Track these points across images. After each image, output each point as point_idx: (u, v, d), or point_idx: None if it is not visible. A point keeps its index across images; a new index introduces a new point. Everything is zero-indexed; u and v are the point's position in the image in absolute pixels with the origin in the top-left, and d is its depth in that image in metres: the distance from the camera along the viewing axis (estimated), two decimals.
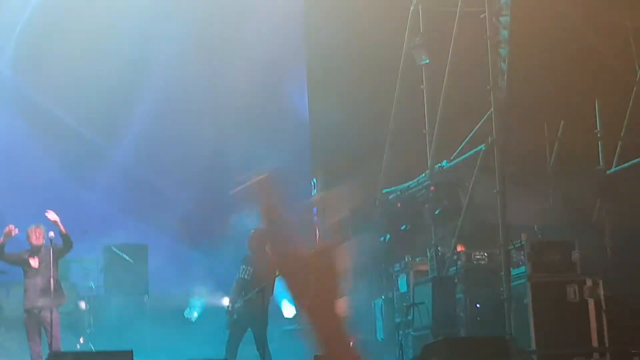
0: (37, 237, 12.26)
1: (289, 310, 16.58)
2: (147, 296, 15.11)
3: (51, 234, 12.13)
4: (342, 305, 1.86)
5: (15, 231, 12.26)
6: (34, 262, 12.24)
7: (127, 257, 14.49)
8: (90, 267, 14.90)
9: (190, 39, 17.84)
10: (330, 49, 16.90)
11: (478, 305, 13.23)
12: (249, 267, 12.77)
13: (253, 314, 12.50)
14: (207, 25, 18.03)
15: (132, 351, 9.52)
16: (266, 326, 12.54)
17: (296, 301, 1.85)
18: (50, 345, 11.73)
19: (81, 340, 13.98)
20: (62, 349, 11.98)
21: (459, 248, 13.78)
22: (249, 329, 12.57)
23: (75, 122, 17.48)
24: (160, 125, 17.66)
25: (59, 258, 12.42)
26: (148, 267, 15.35)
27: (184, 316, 15.23)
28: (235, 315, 12.62)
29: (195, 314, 14.55)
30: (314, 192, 20.01)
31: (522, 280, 12.36)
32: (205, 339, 12.35)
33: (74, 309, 14.38)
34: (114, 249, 14.58)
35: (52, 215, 12.16)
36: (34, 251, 12.33)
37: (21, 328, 13.20)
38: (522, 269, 12.50)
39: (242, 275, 12.80)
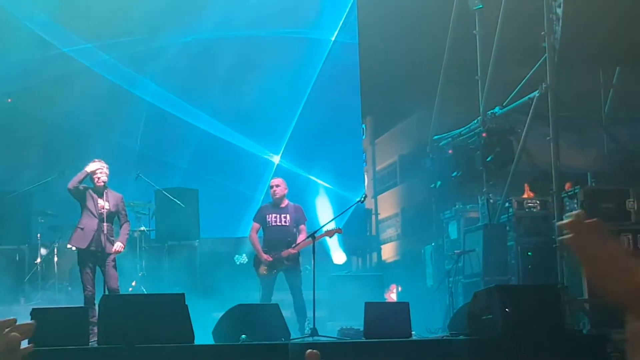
0: (102, 175, 11.36)
1: (339, 257, 16.62)
2: (198, 241, 15.20)
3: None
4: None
5: None
6: (98, 202, 11.34)
7: (178, 202, 14.56)
8: (142, 211, 14.98)
9: None
10: None
11: (530, 254, 13.17)
12: (281, 216, 12.30)
13: (293, 268, 12.15)
14: None
15: (184, 294, 9.58)
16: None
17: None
18: (107, 286, 11.26)
19: (133, 284, 14.12)
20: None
21: (527, 191, 13.78)
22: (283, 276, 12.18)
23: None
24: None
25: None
26: (199, 211, 15.39)
27: (234, 261, 15.31)
28: (275, 271, 12.12)
29: (245, 259, 14.61)
30: (363, 137, 19.95)
31: None
32: (255, 284, 12.38)
33: (125, 253, 14.47)
34: (165, 193, 14.64)
35: (118, 247, 11.42)
36: (99, 191, 11.43)
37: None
38: None
39: (275, 223, 12.26)
